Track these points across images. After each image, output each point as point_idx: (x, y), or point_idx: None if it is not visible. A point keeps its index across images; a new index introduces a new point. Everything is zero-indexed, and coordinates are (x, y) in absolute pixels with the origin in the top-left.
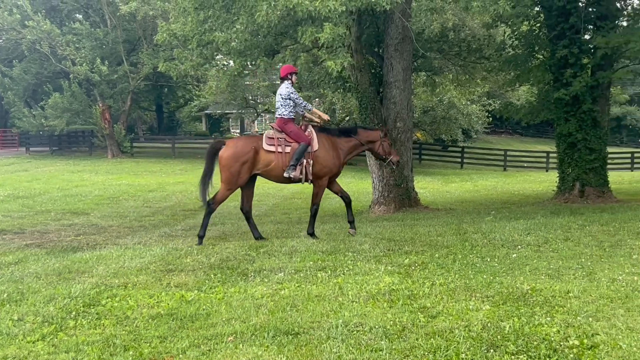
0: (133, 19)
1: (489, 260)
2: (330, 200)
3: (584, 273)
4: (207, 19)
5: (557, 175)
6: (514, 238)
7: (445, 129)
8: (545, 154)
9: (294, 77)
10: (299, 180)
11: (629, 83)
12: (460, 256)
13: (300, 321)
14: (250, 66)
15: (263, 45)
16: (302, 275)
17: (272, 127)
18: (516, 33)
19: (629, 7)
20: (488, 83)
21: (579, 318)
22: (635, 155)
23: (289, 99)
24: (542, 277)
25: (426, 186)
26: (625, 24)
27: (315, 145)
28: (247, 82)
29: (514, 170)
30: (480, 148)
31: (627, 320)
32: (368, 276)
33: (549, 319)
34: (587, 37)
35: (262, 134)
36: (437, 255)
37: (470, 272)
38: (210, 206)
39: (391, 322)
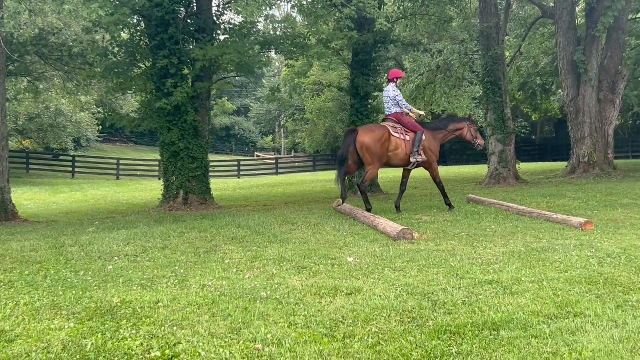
0: None
1: (82, 273)
2: None
3: (177, 281)
4: None
5: (163, 183)
6: (113, 249)
7: (54, 136)
8: (157, 162)
9: (398, 80)
10: (410, 163)
11: (235, 95)
12: (52, 271)
13: None
14: None
15: None
16: None
17: (387, 120)
18: (117, 40)
19: (225, 23)
20: (93, 90)
21: (164, 328)
22: (242, 162)
23: (395, 99)
24: (135, 287)
25: (33, 197)
26: (222, 37)
27: (424, 134)
28: None
29: (127, 178)
30: (93, 157)
31: (210, 325)
32: None
33: (134, 331)
34: (192, 47)
35: (382, 124)
36: (27, 272)
37: (60, 288)
38: (363, 185)
39: None
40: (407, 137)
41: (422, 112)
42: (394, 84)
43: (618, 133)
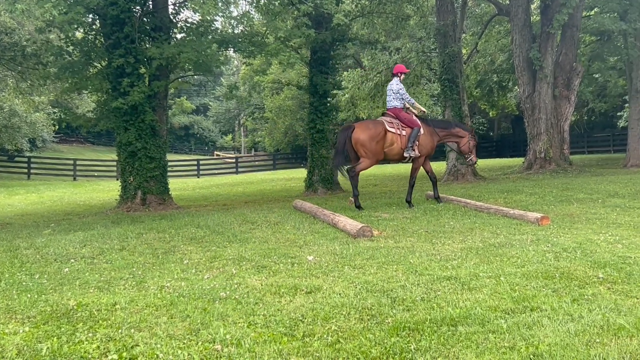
0: None
1: (38, 277)
2: None
3: (135, 282)
4: None
5: (121, 184)
6: (69, 251)
7: (8, 137)
8: (115, 162)
9: (402, 76)
10: (405, 158)
11: (194, 94)
12: (7, 275)
13: None
14: None
15: None
16: None
17: (386, 114)
18: (72, 39)
19: (182, 21)
20: (48, 90)
21: (121, 330)
22: (201, 162)
23: (399, 93)
24: (92, 290)
25: None
26: (179, 36)
27: (422, 130)
28: None
29: (85, 179)
30: (49, 158)
31: (169, 327)
32: None
33: (90, 334)
34: (148, 46)
35: (380, 119)
36: None
37: (15, 291)
38: (352, 172)
39: None
40: (404, 132)
41: (423, 109)
42: (398, 78)
43: (574, 129)
